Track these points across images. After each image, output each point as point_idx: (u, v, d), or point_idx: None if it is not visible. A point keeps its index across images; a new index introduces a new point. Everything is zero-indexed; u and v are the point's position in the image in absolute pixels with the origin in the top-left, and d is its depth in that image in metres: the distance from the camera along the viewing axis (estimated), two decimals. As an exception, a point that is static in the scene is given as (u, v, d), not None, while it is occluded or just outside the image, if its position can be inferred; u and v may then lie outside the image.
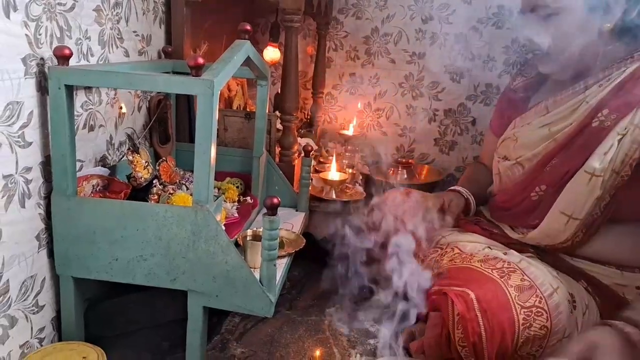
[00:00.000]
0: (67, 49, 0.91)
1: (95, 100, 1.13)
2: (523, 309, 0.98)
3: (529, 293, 1.01)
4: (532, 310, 0.99)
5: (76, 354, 0.93)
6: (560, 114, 1.14)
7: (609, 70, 1.09)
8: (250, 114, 1.48)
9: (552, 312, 1.00)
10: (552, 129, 1.15)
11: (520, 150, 1.21)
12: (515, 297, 0.99)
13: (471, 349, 0.97)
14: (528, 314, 0.98)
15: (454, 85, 2.14)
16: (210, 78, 0.87)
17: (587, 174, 1.05)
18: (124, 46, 1.24)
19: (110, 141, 1.22)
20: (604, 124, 1.05)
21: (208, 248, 0.95)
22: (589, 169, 1.05)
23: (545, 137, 1.16)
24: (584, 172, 1.05)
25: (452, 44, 2.09)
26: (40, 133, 0.95)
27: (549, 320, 0.99)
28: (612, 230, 1.10)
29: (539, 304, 1.00)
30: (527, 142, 1.20)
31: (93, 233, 0.97)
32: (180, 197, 1.11)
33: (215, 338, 1.20)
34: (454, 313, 0.99)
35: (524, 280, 1.03)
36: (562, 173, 1.10)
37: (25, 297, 0.95)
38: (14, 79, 0.87)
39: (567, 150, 1.12)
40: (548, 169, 1.14)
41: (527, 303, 0.99)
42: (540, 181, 1.16)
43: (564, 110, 1.14)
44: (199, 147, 0.90)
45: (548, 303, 1.00)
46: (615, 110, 1.05)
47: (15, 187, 0.89)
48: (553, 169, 1.13)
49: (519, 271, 1.05)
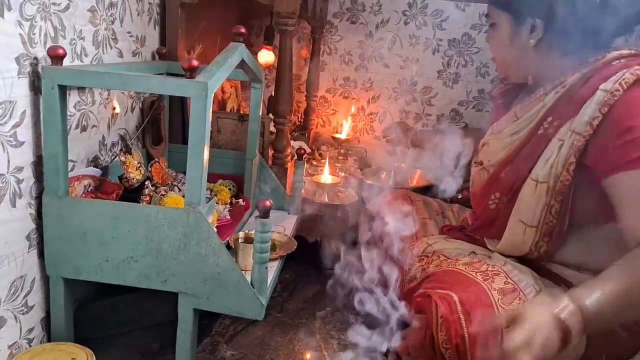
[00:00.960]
0: (61, 49, 0.91)
1: (88, 100, 1.13)
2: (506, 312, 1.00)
3: (512, 296, 1.02)
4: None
5: (65, 355, 0.92)
6: (526, 121, 1.17)
7: (564, 76, 1.12)
8: (244, 117, 1.49)
9: None
10: (514, 136, 1.18)
11: (489, 155, 1.24)
12: (498, 300, 1.00)
13: (454, 351, 0.98)
14: None
15: (447, 90, 2.15)
16: (205, 80, 0.88)
17: (532, 181, 1.07)
18: (118, 47, 1.24)
19: (102, 142, 1.22)
20: (547, 132, 1.08)
21: (199, 250, 0.95)
22: (534, 176, 1.07)
23: (507, 144, 1.19)
24: (530, 179, 1.08)
25: (446, 49, 2.10)
26: (32, 133, 0.94)
27: None
28: (583, 235, 1.11)
29: None
30: (494, 149, 1.23)
31: (84, 234, 0.97)
32: (172, 198, 1.11)
33: (205, 340, 1.19)
34: (438, 315, 1.00)
35: (507, 283, 1.04)
36: (512, 181, 1.13)
37: (14, 297, 0.94)
38: (6, 78, 0.86)
39: (518, 158, 1.14)
40: (502, 175, 1.16)
41: (510, 306, 1.00)
42: (495, 189, 1.18)
43: (529, 117, 1.16)
44: (192, 148, 0.90)
45: None
46: (557, 117, 1.07)
47: (7, 187, 0.89)
48: (506, 175, 1.15)
49: (502, 274, 1.06)
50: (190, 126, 0.90)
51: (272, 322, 1.30)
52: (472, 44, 2.07)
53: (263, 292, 0.97)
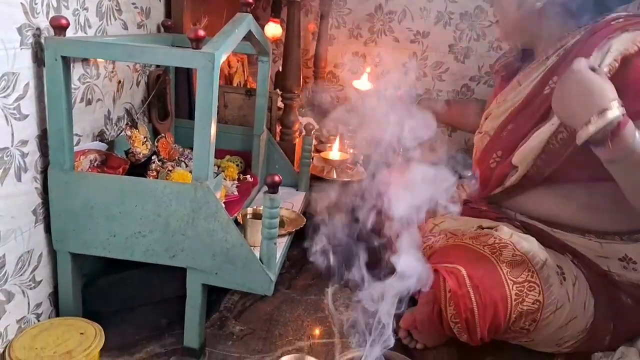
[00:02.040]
0: (63, 19, 0.88)
1: (93, 73, 1.11)
2: (515, 285, 1.00)
3: (520, 268, 1.02)
4: (524, 285, 1.00)
5: (74, 330, 0.92)
6: (528, 86, 1.17)
7: (565, 39, 1.12)
8: (251, 91, 1.46)
9: (544, 285, 1.01)
10: (516, 99, 1.19)
11: (490, 122, 1.26)
12: (507, 273, 1.01)
13: (464, 325, 0.98)
14: (520, 289, 0.99)
15: (458, 65, 2.10)
16: (211, 51, 0.85)
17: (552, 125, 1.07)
18: (123, 18, 1.21)
19: (108, 116, 1.20)
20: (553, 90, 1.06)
21: (208, 225, 0.93)
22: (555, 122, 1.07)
23: (508, 107, 1.20)
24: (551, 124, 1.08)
25: (457, 22, 2.05)
26: (36, 106, 0.93)
27: (541, 294, 1.00)
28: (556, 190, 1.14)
29: (531, 278, 1.01)
30: (496, 115, 1.24)
31: (91, 208, 0.95)
32: (179, 174, 1.10)
33: (214, 315, 1.19)
34: (446, 290, 0.99)
35: (515, 256, 1.04)
36: (513, 139, 1.14)
37: (21, 272, 0.94)
38: (9, 49, 0.84)
39: (520, 116, 1.15)
40: (504, 134, 1.17)
41: (519, 278, 1.01)
42: (497, 147, 1.19)
43: (531, 81, 1.17)
44: (199, 122, 0.88)
45: (540, 276, 1.01)
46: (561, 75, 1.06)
47: (11, 161, 0.88)
48: (508, 134, 1.16)
49: (510, 246, 1.06)
50: (197, 98, 0.87)
51: (281, 298, 1.29)
52: (485, 17, 2.02)
53: (272, 267, 0.96)
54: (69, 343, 0.89)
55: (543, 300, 1.00)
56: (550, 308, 1.01)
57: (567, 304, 1.02)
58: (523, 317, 1.00)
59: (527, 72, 1.20)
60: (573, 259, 1.10)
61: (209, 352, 1.07)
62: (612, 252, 1.09)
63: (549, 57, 1.15)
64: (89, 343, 0.89)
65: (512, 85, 1.24)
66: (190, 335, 1.02)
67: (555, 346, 1.07)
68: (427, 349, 1.13)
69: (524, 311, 0.99)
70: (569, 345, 1.06)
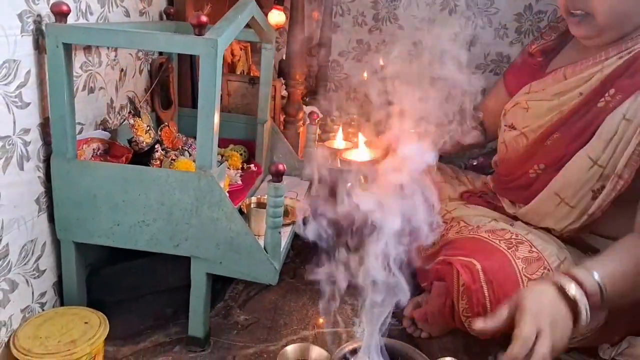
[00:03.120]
0: (65, 5, 0.87)
1: (95, 61, 1.10)
2: (530, 281, 0.97)
3: (536, 265, 0.99)
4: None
5: (78, 319, 0.92)
6: (574, 82, 1.08)
7: (632, 41, 1.01)
8: (255, 79, 1.44)
9: None
10: (562, 98, 1.09)
11: (529, 119, 1.15)
12: (522, 269, 0.98)
13: (475, 320, 0.96)
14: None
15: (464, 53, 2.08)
16: (214, 37, 0.84)
17: (589, 160, 0.99)
18: (125, 5, 1.19)
19: (110, 104, 1.19)
20: (608, 105, 0.98)
21: (212, 214, 0.93)
22: (593, 155, 0.99)
23: (553, 107, 1.10)
24: (587, 157, 1.00)
25: (463, 10, 2.02)
26: (38, 94, 0.92)
27: None
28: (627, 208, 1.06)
29: (546, 276, 0.98)
30: (536, 112, 1.14)
31: (94, 197, 0.95)
32: (183, 162, 1.09)
33: (218, 305, 1.19)
34: (459, 283, 0.97)
35: (531, 252, 1.01)
36: (562, 153, 1.04)
37: (25, 261, 0.93)
38: (10, 35, 0.83)
39: (570, 126, 1.05)
40: (549, 142, 1.08)
41: (534, 275, 0.98)
42: (540, 158, 1.10)
43: (579, 79, 1.07)
44: (202, 109, 0.87)
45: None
46: (620, 90, 0.98)
47: (14, 149, 0.87)
48: (554, 143, 1.07)
49: (527, 243, 1.03)
50: (200, 86, 0.86)
51: (285, 287, 1.29)
52: (491, 4, 1.99)
53: (276, 256, 0.95)
54: (73, 332, 0.89)
55: None
56: None
57: None
58: None
59: (577, 67, 1.08)
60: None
61: (214, 342, 1.06)
62: None
63: (608, 58, 1.03)
64: (93, 332, 0.89)
65: (555, 76, 1.13)
66: (195, 324, 1.02)
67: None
68: (432, 337, 1.13)
69: None
70: (577, 341, 1.05)
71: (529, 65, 1.26)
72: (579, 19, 1.05)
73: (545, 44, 1.24)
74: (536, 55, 1.24)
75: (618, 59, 1.02)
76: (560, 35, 1.20)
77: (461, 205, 1.27)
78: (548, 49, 1.23)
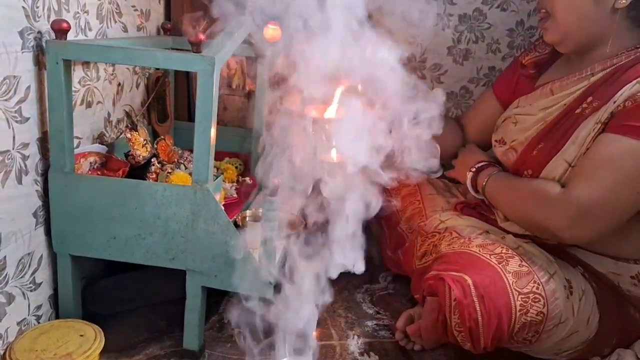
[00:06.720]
0: (65, 23, 0.88)
1: (93, 76, 1.11)
2: (520, 295, 0.98)
3: (526, 279, 1.00)
4: (529, 297, 0.98)
5: (73, 332, 0.93)
6: (561, 98, 1.10)
7: (618, 58, 1.04)
8: (250, 93, 1.46)
9: (549, 297, 0.99)
10: (547, 111, 1.11)
11: (516, 133, 1.17)
12: (512, 283, 0.98)
13: (467, 334, 0.97)
14: (525, 300, 0.97)
15: (457, 67, 2.11)
16: (211, 55, 0.86)
17: (565, 163, 1.03)
18: (123, 21, 1.21)
19: (108, 118, 1.20)
20: (584, 112, 1.02)
21: (207, 228, 0.94)
22: (568, 158, 1.03)
23: (539, 119, 1.12)
24: (564, 161, 1.03)
25: (456, 24, 2.05)
26: (37, 109, 0.93)
27: (545, 306, 0.98)
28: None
29: (536, 290, 0.99)
30: (524, 126, 1.16)
31: (90, 210, 0.96)
32: (179, 176, 1.10)
33: (213, 318, 1.20)
34: (451, 298, 0.98)
35: (522, 266, 1.02)
36: (545, 160, 1.07)
37: (22, 274, 0.94)
38: (10, 52, 0.84)
39: (552, 134, 1.08)
40: (535, 152, 1.10)
41: (524, 289, 0.98)
42: (527, 166, 1.12)
43: (566, 94, 1.09)
44: (199, 125, 0.89)
45: (545, 289, 0.99)
46: (598, 98, 1.01)
47: (12, 163, 0.88)
48: (539, 153, 1.09)
49: (517, 257, 1.04)
50: (197, 102, 0.88)
51: (280, 300, 1.30)
52: (484, 20, 2.02)
53: (271, 270, 0.96)
54: (69, 345, 0.89)
55: (547, 313, 0.98)
56: (553, 321, 0.99)
57: (571, 318, 1.01)
58: (526, 328, 0.98)
59: (564, 82, 1.11)
60: (584, 272, 1.09)
61: (208, 355, 1.07)
62: (625, 270, 1.08)
63: (594, 74, 1.06)
64: (89, 345, 0.90)
65: (542, 91, 1.15)
66: (190, 337, 1.03)
67: (554, 354, 1.07)
68: (425, 350, 1.14)
69: (527, 322, 0.97)
70: (567, 355, 1.06)
71: (520, 76, 1.27)
72: (544, 20, 1.09)
73: (539, 56, 1.24)
74: (529, 67, 1.25)
75: (602, 73, 1.05)
76: (554, 49, 1.22)
77: (454, 216, 1.28)
78: (541, 61, 1.24)
